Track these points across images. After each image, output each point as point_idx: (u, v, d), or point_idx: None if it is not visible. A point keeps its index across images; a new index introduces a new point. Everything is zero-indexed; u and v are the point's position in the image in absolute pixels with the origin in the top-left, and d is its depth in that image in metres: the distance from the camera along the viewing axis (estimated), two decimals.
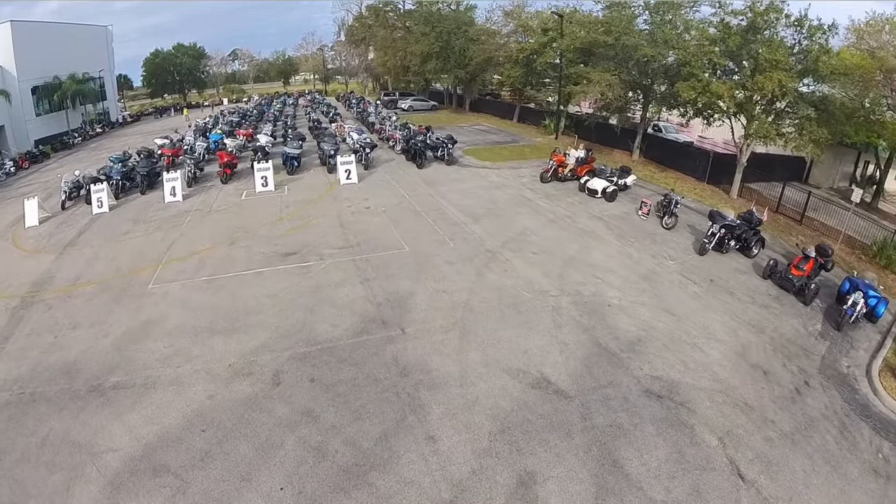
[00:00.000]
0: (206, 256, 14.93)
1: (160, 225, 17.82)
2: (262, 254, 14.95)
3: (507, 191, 22.38)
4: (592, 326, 11.10)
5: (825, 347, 11.37)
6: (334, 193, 21.08)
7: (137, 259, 15.04)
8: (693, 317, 11.63)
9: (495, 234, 16.89)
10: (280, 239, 16.06)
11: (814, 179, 31.88)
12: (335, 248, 15.39)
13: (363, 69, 75.06)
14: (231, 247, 15.54)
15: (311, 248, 15.36)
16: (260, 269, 13.98)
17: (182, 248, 15.68)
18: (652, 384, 9.38)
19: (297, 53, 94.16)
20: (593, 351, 10.32)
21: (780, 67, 19.68)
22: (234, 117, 38.23)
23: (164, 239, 16.44)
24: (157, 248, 15.77)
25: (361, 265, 14.29)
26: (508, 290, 12.97)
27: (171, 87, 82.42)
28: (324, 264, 14.31)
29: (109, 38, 56.80)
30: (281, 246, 15.49)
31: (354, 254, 15.00)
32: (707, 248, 15.60)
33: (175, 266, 14.43)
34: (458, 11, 46.74)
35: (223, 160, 22.89)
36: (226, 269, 14.02)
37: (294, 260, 14.57)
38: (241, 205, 19.70)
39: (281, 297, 12.56)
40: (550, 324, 11.29)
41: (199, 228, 17.27)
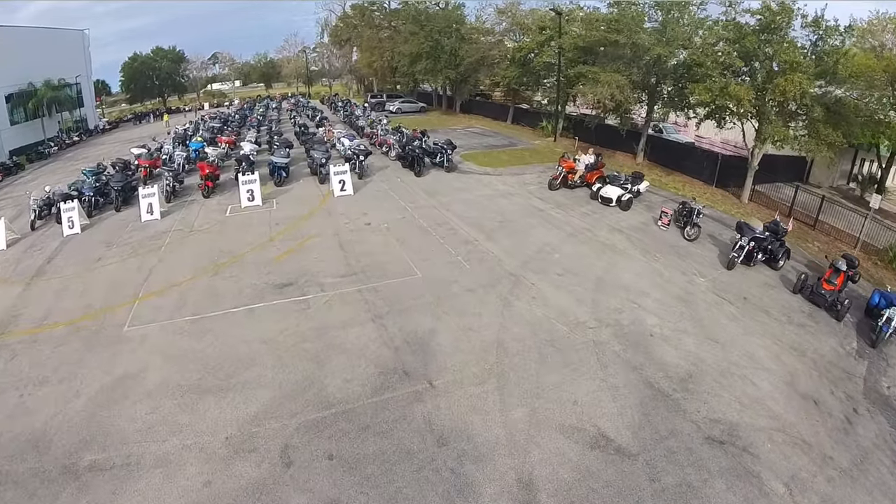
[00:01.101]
0: (188, 289, 12.74)
1: (136, 249, 15.55)
2: (252, 285, 12.78)
3: (515, 200, 20.53)
4: (640, 363, 9.78)
5: (864, 368, 10.80)
6: (328, 207, 18.94)
7: (111, 293, 12.81)
8: (736, 343, 10.73)
9: (513, 253, 15.15)
10: (272, 265, 13.90)
11: (814, 178, 31.29)
12: (337, 275, 13.29)
13: (348, 71, 72.55)
14: (216, 276, 13.33)
15: (308, 276, 13.23)
16: (251, 306, 11.83)
17: (160, 278, 13.45)
18: (712, 429, 8.42)
19: (280, 56, 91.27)
20: (646, 394, 9.06)
21: (800, 70, 18.63)
22: (215, 123, 35.68)
23: (141, 267, 14.19)
24: (133, 278, 13.53)
25: (370, 297, 12.23)
26: (542, 323, 11.24)
27: (150, 92, 79.12)
28: (325, 297, 12.21)
29: (86, 43, 53.86)
30: (273, 274, 13.34)
31: (360, 283, 12.93)
32: (736, 262, 14.60)
33: (153, 302, 12.23)
34: (446, 10, 44.62)
35: (204, 172, 20.59)
36: (211, 306, 11.86)
37: (290, 293, 12.43)
38: (225, 223, 17.43)
39: (279, 342, 10.46)
40: (595, 363, 9.80)
41: (179, 253, 15.02)
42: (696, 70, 22.36)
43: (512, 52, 34.90)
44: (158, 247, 15.52)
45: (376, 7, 53.86)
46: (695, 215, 16.75)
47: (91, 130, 50.15)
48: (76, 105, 49.59)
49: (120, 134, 48.84)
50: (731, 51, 21.00)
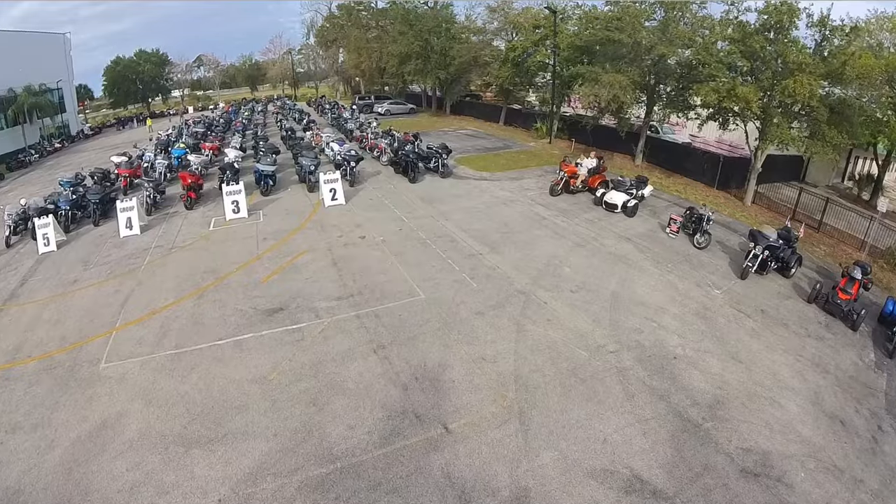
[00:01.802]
0: (170, 317, 11.48)
1: (114, 269, 14.26)
2: (238, 311, 11.55)
3: (516, 208, 19.47)
4: (666, 391, 9.06)
5: (884, 381, 10.40)
6: (319, 218, 17.71)
7: (87, 321, 11.55)
8: (759, 362, 10.24)
9: (521, 267, 14.12)
10: (260, 288, 12.66)
11: (810, 178, 30.91)
12: (332, 298, 12.09)
13: (334, 72, 70.99)
14: (200, 301, 12.08)
15: (300, 299, 12.02)
16: (239, 337, 10.60)
17: (140, 303, 12.20)
18: (745, 460, 7.89)
19: (265, 58, 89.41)
20: (677, 426, 8.36)
21: (808, 71, 17.96)
22: (199, 128, 34.11)
23: (119, 290, 12.91)
24: (110, 303, 12.26)
25: (370, 324, 11.07)
26: (560, 348, 10.25)
27: (133, 97, 76.85)
28: (321, 325, 11.01)
29: (68, 47, 52.02)
30: (262, 298, 12.10)
31: (357, 306, 11.75)
32: (749, 272, 14.06)
33: (132, 332, 10.98)
34: (435, 9, 43.40)
35: (186, 182, 19.25)
36: (195, 338, 10.63)
37: (281, 320, 11.21)
38: (209, 238, 16.12)
39: (272, 381, 9.28)
40: (621, 394, 8.97)
41: (159, 274, 13.74)
42: (699, 70, 21.61)
43: (505, 52, 33.72)
44: (137, 266, 14.24)
45: (363, 7, 52.45)
46: (705, 222, 16.13)
47: (73, 137, 48.45)
48: (58, 111, 47.67)
49: (103, 140, 47.04)
50: (736, 50, 20.30)
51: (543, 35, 30.13)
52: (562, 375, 9.37)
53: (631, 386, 9.09)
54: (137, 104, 76.95)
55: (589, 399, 8.83)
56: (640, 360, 9.84)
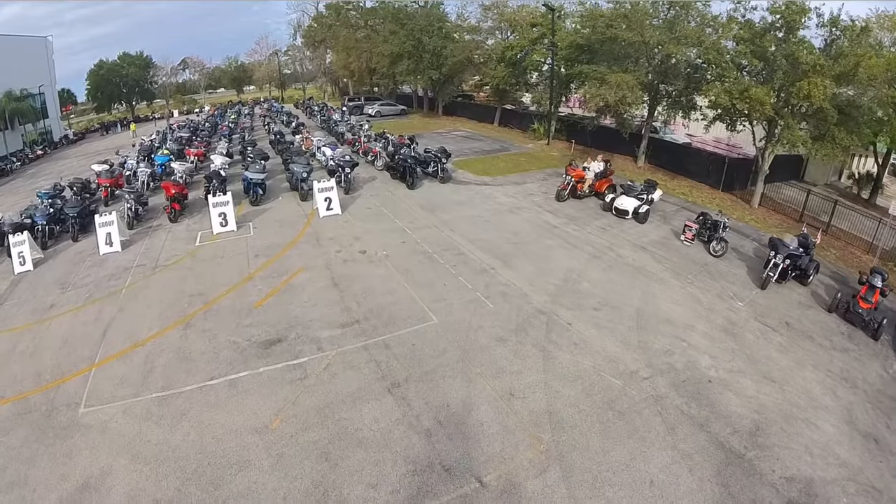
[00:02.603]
0: (155, 350, 10.12)
1: (93, 291, 12.81)
2: (231, 344, 10.19)
3: (523, 215, 18.32)
4: (706, 420, 8.41)
5: None
6: (314, 231, 16.34)
7: (64, 355, 10.15)
8: (791, 380, 9.78)
9: (538, 283, 13.02)
10: (253, 314, 11.29)
11: (809, 176, 30.49)
12: (335, 325, 10.78)
13: (322, 73, 69.28)
14: (187, 331, 10.69)
15: (300, 328, 10.70)
16: (233, 376, 9.26)
17: (121, 333, 10.80)
18: (790, 490, 7.44)
19: (251, 59, 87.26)
20: (720, 458, 7.76)
21: (822, 73, 17.25)
22: (184, 133, 32.43)
23: (99, 317, 11.49)
24: (90, 333, 10.86)
25: (380, 356, 9.80)
26: (591, 377, 9.30)
27: (117, 100, 74.40)
28: (325, 359, 9.72)
29: (50, 51, 49.99)
30: (256, 327, 10.75)
31: (364, 335, 10.46)
32: (770, 281, 13.60)
33: (113, 369, 9.61)
34: (427, 7, 42.02)
35: (170, 193, 17.77)
36: (184, 377, 9.29)
37: (280, 354, 9.88)
38: (195, 256, 14.67)
39: (275, 431, 8.00)
40: (662, 427, 8.20)
41: (142, 298, 12.31)
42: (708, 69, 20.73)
43: (501, 51, 32.45)
44: (118, 289, 12.80)
45: (352, 6, 50.89)
46: (721, 229, 15.64)
47: (56, 143, 46.43)
48: (40, 116, 46.04)
49: (86, 146, 45.04)
50: (746, 50, 19.45)
51: (541, 33, 28.93)
52: (598, 409, 8.47)
53: (670, 416, 8.35)
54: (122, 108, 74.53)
55: (630, 435, 8.01)
56: (674, 386, 9.12)
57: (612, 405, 8.55)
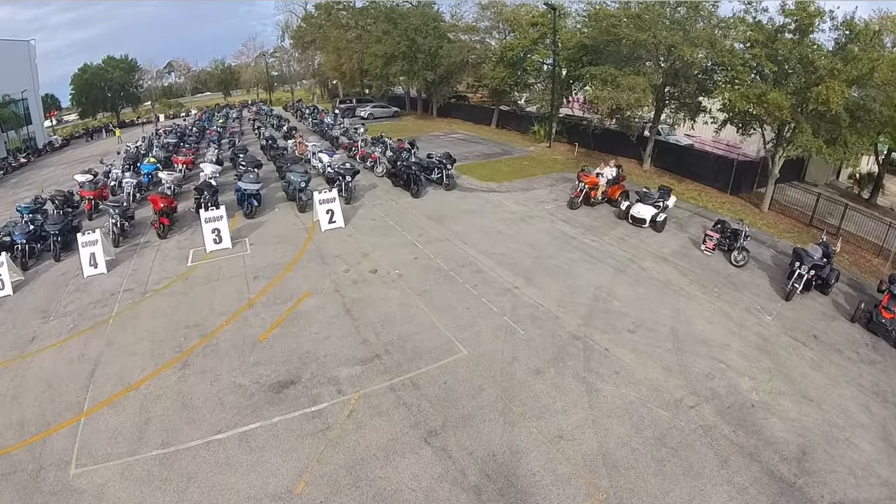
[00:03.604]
0: (150, 396, 8.76)
1: (77, 322, 11.36)
2: (237, 387, 8.86)
3: (537, 225, 17.18)
4: (755, 448, 7.99)
5: None
6: (317, 246, 14.98)
7: (49, 400, 8.76)
8: (828, 398, 9.48)
9: (566, 304, 11.96)
10: (258, 349, 9.94)
11: (810, 177, 30.05)
12: (353, 362, 9.49)
13: (311, 75, 67.49)
14: (185, 371, 9.32)
15: (314, 366, 9.39)
16: (244, 428, 7.96)
17: (111, 373, 9.41)
18: None
19: (238, 61, 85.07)
20: (774, 489, 7.35)
21: (841, 77, 16.55)
22: (170, 138, 30.70)
23: (84, 353, 10.07)
24: (76, 374, 9.45)
25: (409, 398, 8.58)
26: (639, 410, 8.54)
27: (102, 105, 71.85)
28: (348, 404, 8.45)
29: (33, 55, 47.86)
30: (264, 366, 9.41)
31: (388, 372, 9.21)
32: (795, 293, 13.25)
33: (105, 419, 8.25)
34: (420, 7, 40.64)
35: (158, 206, 16.28)
36: (187, 430, 7.98)
37: (295, 399, 8.58)
38: (188, 278, 13.22)
39: (301, 496, 6.74)
40: (714, 460, 7.68)
41: (131, 329, 10.88)
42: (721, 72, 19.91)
43: (500, 51, 31.20)
44: (105, 318, 11.37)
45: (343, 6, 49.27)
46: (742, 238, 15.12)
47: (40, 150, 44.35)
48: (23, 123, 44.00)
49: (71, 152, 43.07)
50: (761, 53, 18.65)
51: (542, 33, 27.77)
52: (650, 447, 7.79)
53: (721, 448, 7.86)
54: (107, 113, 72.08)
55: (686, 472, 7.44)
56: (720, 413, 8.61)
57: (664, 440, 7.89)
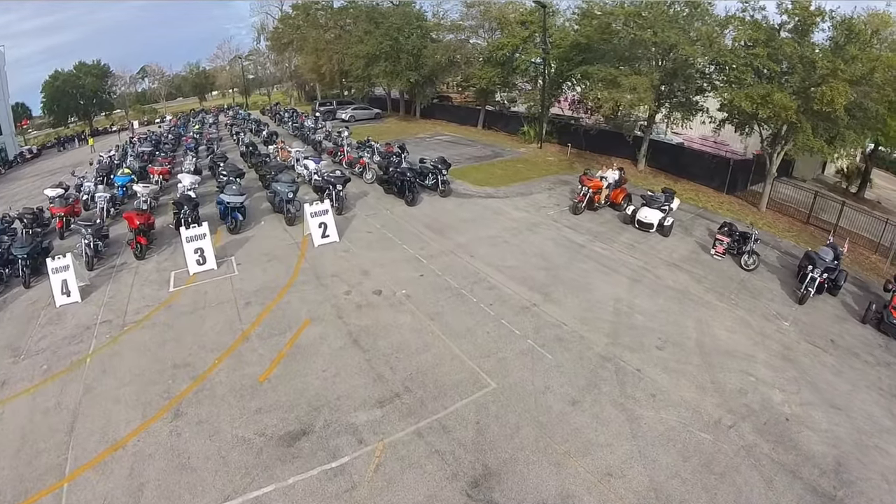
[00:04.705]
0: (140, 455, 7.49)
1: (52, 361, 9.96)
2: (241, 441, 7.66)
3: (543, 233, 16.30)
4: (795, 464, 7.76)
5: None
6: (312, 265, 13.75)
7: (25, 461, 7.45)
8: (854, 405, 9.35)
9: (589, 321, 11.16)
10: (260, 393, 8.70)
11: (798, 172, 30.23)
12: (371, 404, 8.36)
13: (288, 77, 65.58)
14: (178, 423, 8.07)
15: (326, 411, 8.22)
16: (255, 493, 6.76)
17: (93, 427, 8.09)
18: None
19: (212, 65, 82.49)
20: None
21: (844, 77, 16.28)
22: (145, 147, 28.94)
23: (61, 401, 8.72)
24: (54, 428, 8.10)
25: (440, 444, 7.54)
26: (681, 436, 8.02)
27: (75, 113, 68.80)
28: (373, 456, 7.32)
29: (1, 63, 45.11)
30: (269, 412, 8.21)
31: (412, 414, 8.14)
32: (808, 297, 13.10)
33: (92, 486, 6.95)
34: (401, 6, 39.39)
35: (134, 224, 14.81)
36: (189, 498, 6.74)
37: (310, 453, 7.39)
38: (171, 306, 11.82)
39: None
40: (760, 482, 7.34)
41: (112, 371, 9.52)
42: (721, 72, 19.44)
43: (489, 51, 30.17)
44: (82, 357, 10.01)
45: (321, 6, 47.65)
46: (752, 242, 14.88)
47: (11, 162, 42.07)
48: None
49: (42, 164, 40.82)
50: (763, 53, 18.20)
51: (531, 31, 26.87)
52: (698, 474, 7.37)
53: (764, 468, 7.59)
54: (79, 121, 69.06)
55: (736, 499, 7.07)
56: (758, 431, 8.32)
57: (710, 467, 7.49)
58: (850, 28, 17.30)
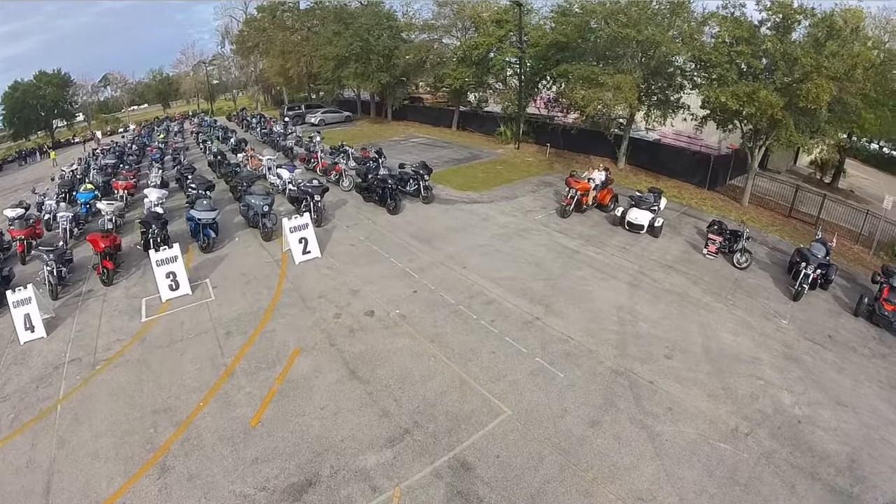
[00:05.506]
0: None
1: (19, 409, 8.90)
2: (241, 497, 6.82)
3: (534, 239, 15.84)
4: (812, 466, 7.73)
5: None
6: (295, 285, 12.88)
7: None
8: (858, 401, 9.41)
9: (595, 332, 10.78)
10: (254, 440, 7.75)
11: (772, 165, 30.84)
12: (379, 444, 7.65)
13: (254, 81, 63.69)
14: (166, 480, 7.20)
15: (331, 455, 7.46)
16: None
17: (73, 489, 7.10)
18: None
19: (176, 71, 79.67)
20: None
21: (828, 74, 16.44)
22: (109, 159, 27.35)
23: (33, 459, 7.72)
24: (28, 492, 7.08)
25: (462, 484, 6.91)
26: (702, 449, 7.82)
27: (36, 125, 65.37)
28: None
29: None
30: (267, 462, 7.38)
31: (426, 453, 7.47)
32: (802, 294, 13.13)
33: None
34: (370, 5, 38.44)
35: (99, 248, 13.67)
36: None
37: None
38: (145, 339, 10.77)
39: None
40: (783, 488, 7.25)
41: (87, 421, 8.50)
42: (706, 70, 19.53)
43: (463, 50, 29.54)
44: (52, 405, 8.98)
45: (286, 7, 46.24)
46: (743, 240, 14.84)
47: None
48: None
49: (2, 180, 38.42)
50: (747, 51, 18.20)
51: (507, 30, 26.37)
52: (725, 487, 7.16)
53: (785, 474, 7.51)
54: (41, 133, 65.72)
55: None
56: (774, 436, 8.25)
57: (735, 478, 7.33)
58: (830, 25, 17.35)
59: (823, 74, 16.36)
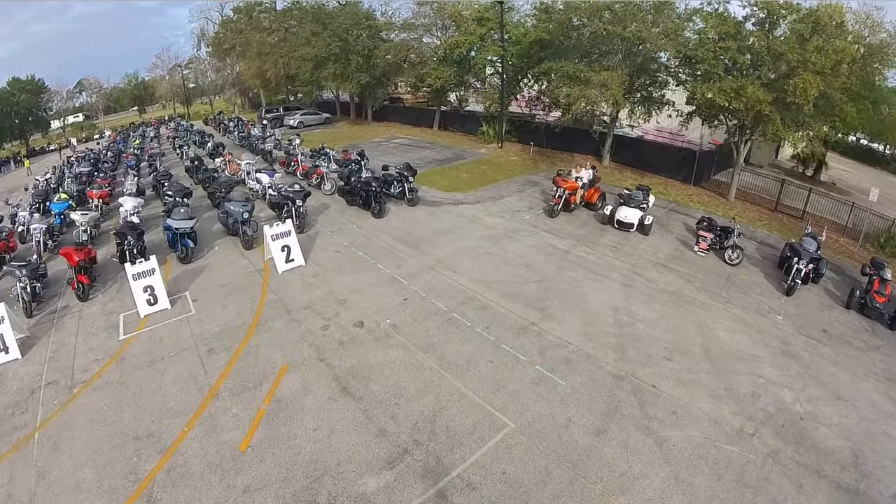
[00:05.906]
0: None
1: None
2: None
3: (523, 240, 15.56)
4: (818, 464, 7.69)
5: None
6: (279, 296, 12.36)
7: None
8: (857, 395, 9.43)
9: (593, 336, 10.55)
10: (244, 465, 7.23)
11: (754, 159, 31.25)
12: (377, 465, 7.27)
13: (230, 84, 62.47)
14: None
15: (328, 480, 7.06)
16: None
17: None
18: None
19: (152, 75, 77.92)
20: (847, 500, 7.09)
21: (815, 70, 16.59)
22: (83, 167, 26.36)
23: (13, 494, 7.14)
24: None
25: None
26: (710, 452, 7.70)
27: (10, 133, 63.12)
28: None
29: None
30: (259, 491, 6.89)
31: (429, 473, 7.11)
32: (795, 288, 13.13)
33: None
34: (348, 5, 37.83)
35: (74, 262, 13.02)
36: None
37: None
38: (123, 359, 10.16)
39: None
40: (791, 488, 7.19)
41: (66, 449, 7.94)
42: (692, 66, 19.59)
43: (444, 49, 29.17)
44: (29, 432, 8.37)
45: (263, 8, 45.35)
46: (734, 236, 14.84)
47: None
48: None
49: None
50: (734, 47, 18.27)
51: (489, 28, 26.08)
52: (735, 491, 7.05)
53: (792, 473, 7.46)
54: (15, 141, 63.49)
55: None
56: (779, 435, 8.20)
57: (744, 481, 7.24)
58: (815, 20, 17.41)
59: (810, 69, 16.41)
